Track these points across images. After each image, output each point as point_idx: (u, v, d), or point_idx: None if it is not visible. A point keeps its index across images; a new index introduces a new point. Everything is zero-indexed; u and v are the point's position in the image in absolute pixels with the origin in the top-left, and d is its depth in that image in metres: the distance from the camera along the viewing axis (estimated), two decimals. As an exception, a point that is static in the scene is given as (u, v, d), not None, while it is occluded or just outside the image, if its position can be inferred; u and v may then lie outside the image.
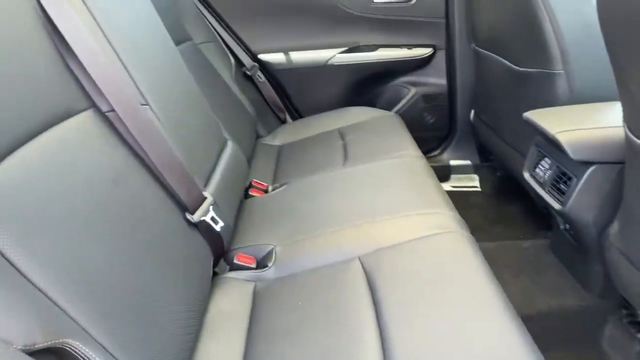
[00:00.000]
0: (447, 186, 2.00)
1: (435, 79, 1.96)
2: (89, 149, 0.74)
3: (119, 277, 0.67)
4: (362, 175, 1.28)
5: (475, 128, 1.88)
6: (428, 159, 2.02)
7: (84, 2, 0.88)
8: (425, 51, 1.91)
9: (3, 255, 0.53)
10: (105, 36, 0.88)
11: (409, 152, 1.39)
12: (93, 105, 0.80)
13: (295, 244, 1.05)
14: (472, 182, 2.01)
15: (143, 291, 0.70)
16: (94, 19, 0.88)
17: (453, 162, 2.04)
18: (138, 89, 0.91)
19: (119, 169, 0.78)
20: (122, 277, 0.67)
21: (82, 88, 0.78)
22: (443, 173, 2.02)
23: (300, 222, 1.12)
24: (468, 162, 2.03)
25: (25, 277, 0.55)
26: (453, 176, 2.04)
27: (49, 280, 0.57)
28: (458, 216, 1.06)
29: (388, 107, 1.96)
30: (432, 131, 2.04)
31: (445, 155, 2.06)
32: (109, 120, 0.81)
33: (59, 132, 0.70)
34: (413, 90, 1.97)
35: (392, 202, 1.11)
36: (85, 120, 0.77)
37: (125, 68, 0.90)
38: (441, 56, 1.93)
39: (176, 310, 0.76)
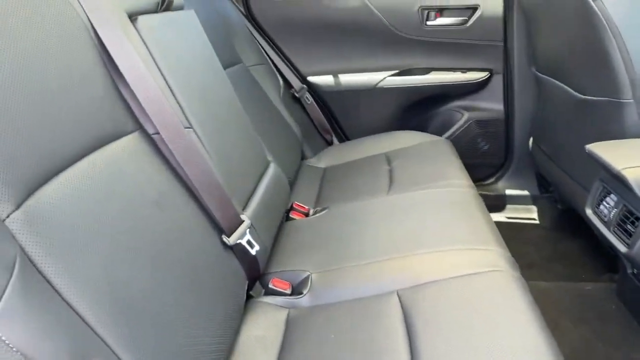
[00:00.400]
0: (501, 217, 1.89)
1: (491, 104, 1.88)
2: (134, 170, 0.76)
3: (153, 298, 0.67)
4: (406, 204, 1.23)
5: (534, 157, 1.77)
6: (481, 186, 1.93)
7: (136, 28, 0.91)
8: (481, 75, 1.84)
9: (43, 275, 0.54)
10: (155, 62, 0.91)
11: (458, 181, 1.32)
12: (140, 127, 0.82)
13: (332, 272, 1.02)
14: (529, 214, 1.89)
15: (176, 312, 0.70)
16: (145, 44, 0.91)
17: (509, 192, 1.93)
18: (183, 112, 0.93)
19: (161, 190, 0.79)
20: (156, 298, 0.67)
21: (131, 111, 0.81)
22: (497, 202, 1.92)
23: (339, 249, 1.09)
24: (525, 192, 1.91)
25: (62, 297, 0.55)
26: (509, 206, 1.93)
27: (85, 301, 0.57)
28: (508, 254, 0.98)
29: (439, 132, 1.89)
30: (487, 158, 1.95)
31: (500, 184, 1.95)
32: (154, 143, 0.83)
33: (107, 153, 0.72)
34: (466, 115, 1.90)
35: (437, 235, 1.05)
36: (132, 142, 0.79)
37: (172, 92, 0.92)
38: (498, 80, 1.85)
39: (208, 333, 0.75)
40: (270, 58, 1.86)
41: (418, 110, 1.96)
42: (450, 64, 1.87)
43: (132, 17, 0.92)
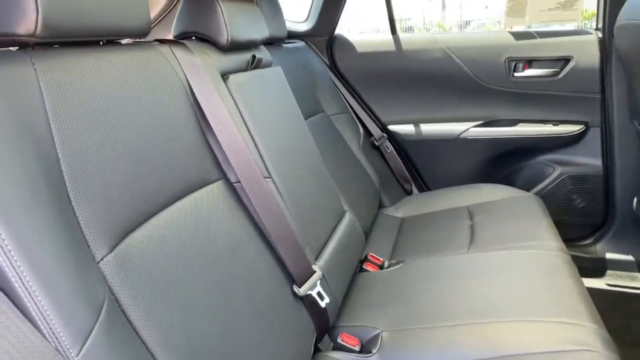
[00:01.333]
0: (600, 283, 1.70)
1: (587, 159, 1.74)
2: (215, 217, 0.80)
3: (223, 345, 0.68)
4: (488, 264, 1.15)
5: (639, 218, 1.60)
6: (575, 247, 1.77)
7: (227, 85, 0.99)
8: (575, 128, 1.72)
9: (127, 317, 0.58)
10: (241, 115, 0.98)
11: (548, 243, 1.22)
12: (224, 176, 0.87)
13: (405, 332, 0.97)
14: (634, 283, 1.68)
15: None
16: (233, 99, 0.98)
17: (610, 256, 1.74)
18: (264, 162, 0.98)
19: (238, 237, 0.83)
20: (226, 345, 0.69)
21: (216, 161, 0.87)
22: (595, 267, 1.74)
23: (412, 308, 1.04)
24: (630, 257, 1.72)
25: (142, 340, 0.58)
26: (609, 272, 1.74)
27: (163, 345, 0.60)
28: (604, 331, 0.87)
29: (526, 186, 1.78)
30: (583, 217, 1.79)
31: (599, 247, 1.77)
32: (235, 191, 0.88)
33: (192, 200, 0.77)
34: (559, 170, 1.77)
35: (520, 303, 0.96)
36: (215, 189, 0.84)
37: (255, 143, 0.98)
38: (595, 134, 1.72)
39: None
40: (351, 107, 1.91)
41: (504, 162, 1.87)
42: (540, 116, 1.77)
43: (225, 75, 1.00)
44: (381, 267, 1.32)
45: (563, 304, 0.94)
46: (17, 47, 0.61)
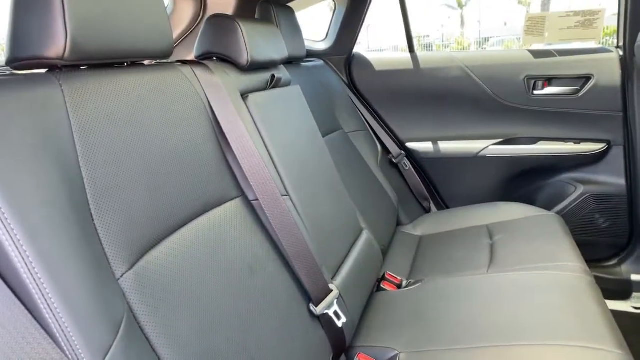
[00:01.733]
0: (625, 306, 1.65)
1: (610, 178, 1.71)
2: (234, 235, 0.81)
3: None
4: (509, 285, 1.13)
5: None
6: (599, 268, 1.72)
7: (246, 104, 1.00)
8: (597, 147, 1.69)
9: (145, 334, 0.59)
10: (260, 133, 1.00)
11: (571, 263, 1.19)
12: (242, 194, 0.88)
13: (423, 354, 0.95)
14: (661, 305, 1.63)
15: None
16: (252, 118, 1.00)
17: (635, 277, 1.69)
18: (282, 180, 0.98)
19: (256, 255, 0.83)
20: None
21: (235, 178, 0.88)
22: (620, 288, 1.68)
23: (431, 329, 1.02)
24: None
25: (159, 357, 0.59)
26: (635, 294, 1.68)
27: (174, 359, 0.60)
28: (629, 358, 0.84)
29: (547, 205, 1.75)
30: (606, 237, 1.74)
31: (624, 268, 1.72)
32: (253, 208, 0.88)
33: (210, 217, 0.78)
34: (581, 189, 1.74)
35: (541, 325, 0.94)
36: (233, 207, 0.85)
37: (273, 162, 0.99)
38: (617, 152, 1.68)
39: None
40: (369, 124, 1.91)
41: (523, 181, 1.84)
42: (560, 134, 1.75)
43: (244, 94, 1.02)
44: (399, 286, 1.30)
45: (586, 327, 0.92)
46: (46, 70, 0.63)
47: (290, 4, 1.63)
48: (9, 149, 0.50)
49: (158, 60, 0.86)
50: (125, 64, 0.76)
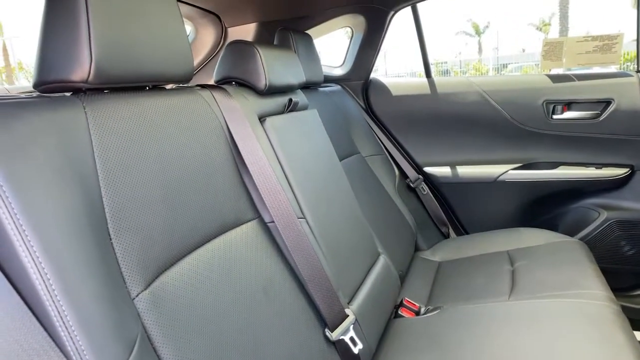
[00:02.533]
0: (654, 337, 1.58)
1: (635, 204, 1.66)
2: (249, 257, 0.81)
3: None
4: (531, 313, 1.09)
5: None
6: (626, 298, 1.66)
7: (264, 127, 1.02)
8: (620, 171, 1.66)
9: (158, 355, 0.58)
10: (277, 156, 1.00)
11: (596, 292, 1.15)
12: (258, 216, 0.88)
13: (442, 384, 0.92)
14: (693, 337, 1.55)
15: None
16: (270, 141, 1.01)
17: None
18: (298, 203, 0.98)
19: (270, 277, 0.83)
20: None
21: (251, 200, 0.88)
22: None
23: (450, 358, 0.99)
24: None
25: None
26: (664, 325, 1.61)
27: None
28: None
29: (570, 231, 1.70)
30: (632, 265, 1.68)
31: None
32: (268, 230, 0.88)
33: (226, 239, 0.78)
34: (605, 215, 1.69)
35: (567, 357, 0.90)
36: (249, 229, 0.85)
37: (290, 184, 0.99)
38: None
39: None
40: (386, 148, 1.91)
41: (544, 206, 1.80)
42: (581, 159, 1.72)
43: (262, 118, 1.03)
44: (417, 313, 1.27)
45: (613, 358, 0.88)
46: (71, 93, 0.66)
47: (308, 31, 1.67)
48: (32, 167, 0.51)
49: (179, 85, 0.88)
50: (147, 88, 0.78)
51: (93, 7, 0.61)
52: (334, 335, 0.89)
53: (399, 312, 1.27)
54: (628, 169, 1.65)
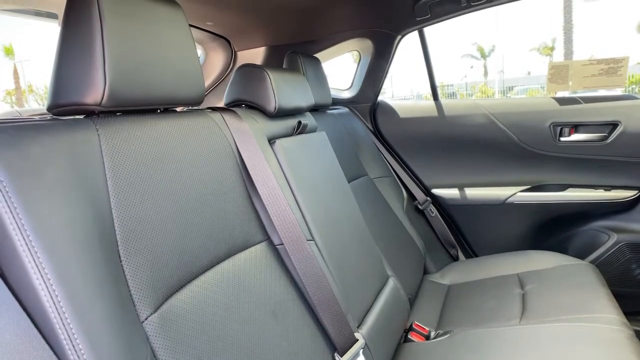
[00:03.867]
0: (670, 363, 1.53)
1: None
2: (257, 279, 0.80)
3: None
4: (543, 337, 1.07)
5: None
6: (638, 322, 1.62)
7: (273, 149, 1.03)
8: (629, 194, 1.65)
9: None
10: (286, 178, 1.01)
11: (608, 316, 1.13)
12: (267, 238, 0.88)
13: (453, 410, 0.90)
14: None
15: None
16: (279, 163, 1.01)
17: None
18: (307, 225, 0.98)
19: (279, 300, 0.82)
20: None
21: (261, 223, 0.88)
22: None
23: (461, 383, 0.97)
24: None
25: None
26: (679, 350, 1.57)
27: None
28: None
29: (580, 254, 1.68)
30: None
31: None
32: (277, 253, 0.88)
33: (235, 261, 0.78)
34: (615, 237, 1.67)
35: (580, 382, 0.88)
36: (258, 251, 0.84)
37: (299, 206, 0.99)
38: None
39: None
40: (394, 171, 1.92)
41: (554, 229, 1.79)
42: (590, 181, 1.71)
43: (271, 140, 1.04)
44: (427, 337, 1.25)
45: None
46: (84, 115, 0.67)
47: (316, 55, 1.70)
48: (45, 188, 0.52)
49: (190, 107, 0.89)
50: (159, 110, 0.79)
51: (108, 31, 0.62)
52: (343, 360, 0.88)
53: (409, 337, 1.25)
54: (637, 191, 1.64)
